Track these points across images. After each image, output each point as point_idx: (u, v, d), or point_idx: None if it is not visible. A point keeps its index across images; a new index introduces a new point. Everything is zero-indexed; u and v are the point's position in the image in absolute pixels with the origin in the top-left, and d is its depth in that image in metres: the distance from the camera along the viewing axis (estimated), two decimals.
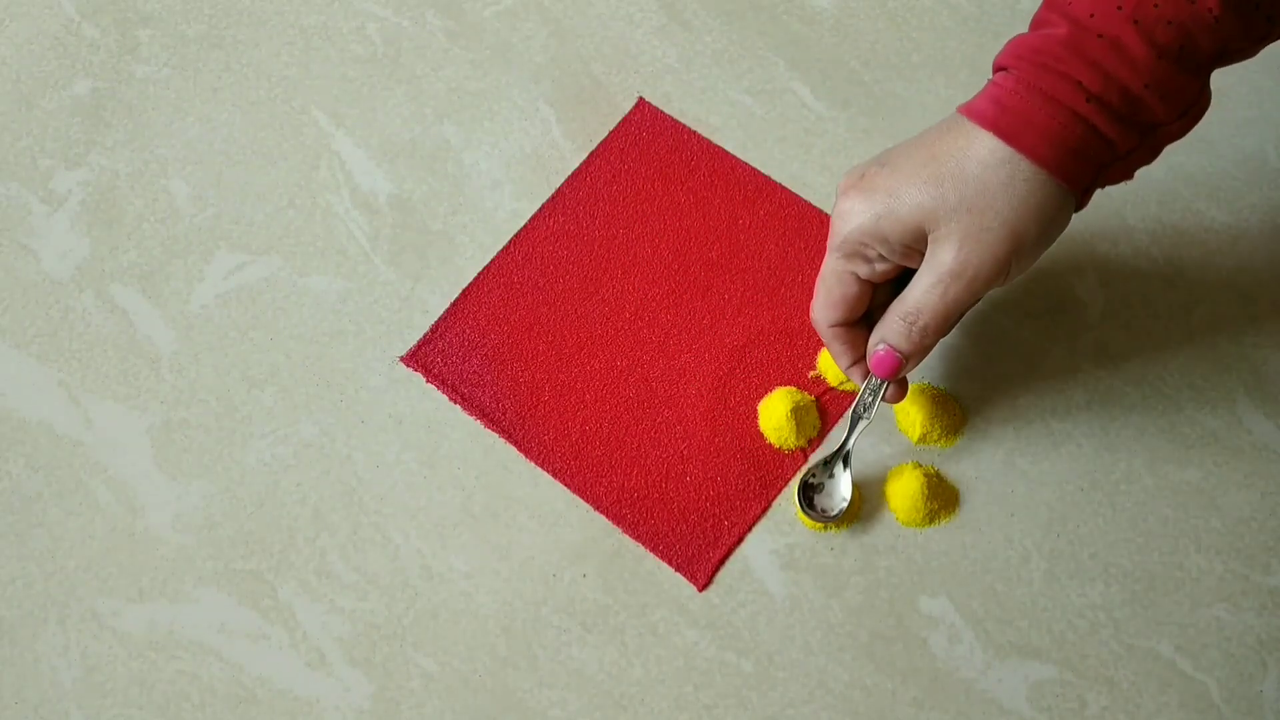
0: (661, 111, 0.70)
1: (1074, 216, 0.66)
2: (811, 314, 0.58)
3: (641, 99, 0.70)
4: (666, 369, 0.64)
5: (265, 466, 0.62)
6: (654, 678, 0.58)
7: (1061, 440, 0.62)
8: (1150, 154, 0.52)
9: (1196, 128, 0.52)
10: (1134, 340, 0.64)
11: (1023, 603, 0.59)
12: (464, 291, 0.66)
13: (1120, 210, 0.67)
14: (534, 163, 0.69)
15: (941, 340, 0.64)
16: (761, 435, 0.62)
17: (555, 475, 0.62)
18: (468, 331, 0.65)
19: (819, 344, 0.64)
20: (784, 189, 0.68)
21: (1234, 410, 0.63)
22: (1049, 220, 0.51)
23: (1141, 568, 0.60)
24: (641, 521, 0.61)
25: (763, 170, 0.68)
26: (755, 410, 0.63)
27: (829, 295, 0.56)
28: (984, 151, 0.51)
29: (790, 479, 0.62)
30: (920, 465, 0.61)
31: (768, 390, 0.63)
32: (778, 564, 0.60)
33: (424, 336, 0.65)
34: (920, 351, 0.55)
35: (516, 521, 0.61)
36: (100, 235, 0.67)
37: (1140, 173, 0.55)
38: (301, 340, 0.65)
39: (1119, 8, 0.48)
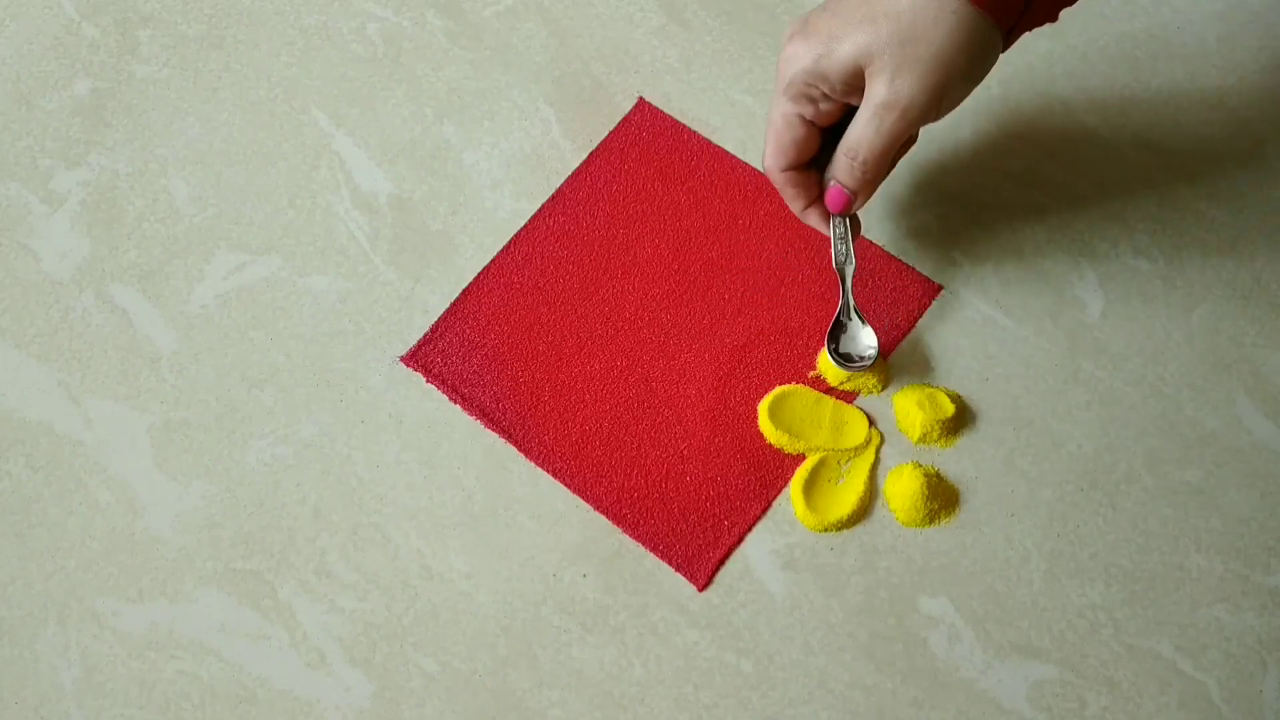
0: (661, 111, 0.70)
1: (1075, 217, 0.66)
2: (764, 163, 0.61)
3: (641, 99, 0.70)
4: (666, 369, 0.64)
5: (265, 466, 0.62)
6: (654, 678, 0.58)
7: (1061, 440, 0.62)
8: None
9: (1199, 130, 0.53)
10: (1134, 340, 0.64)
11: (1023, 603, 0.59)
12: (464, 291, 0.66)
13: (1120, 210, 0.67)
14: (534, 163, 0.69)
15: (944, 340, 0.64)
16: (761, 435, 0.62)
17: (555, 475, 0.62)
18: (468, 331, 0.65)
19: (819, 344, 0.64)
20: None
21: (1234, 410, 0.63)
22: (977, 53, 0.54)
23: (1141, 568, 0.60)
24: (641, 521, 0.61)
25: (763, 170, 0.68)
26: (755, 410, 0.63)
27: (779, 140, 0.59)
28: None
29: (790, 479, 0.62)
30: (920, 465, 0.61)
31: (768, 390, 0.63)
32: (778, 564, 0.60)
33: (424, 336, 0.65)
34: (866, 185, 0.59)
35: (516, 521, 0.61)
36: (100, 235, 0.67)
37: (1141, 173, 0.55)
38: (301, 340, 0.65)
39: None
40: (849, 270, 0.62)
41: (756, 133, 0.69)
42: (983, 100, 0.70)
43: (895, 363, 0.64)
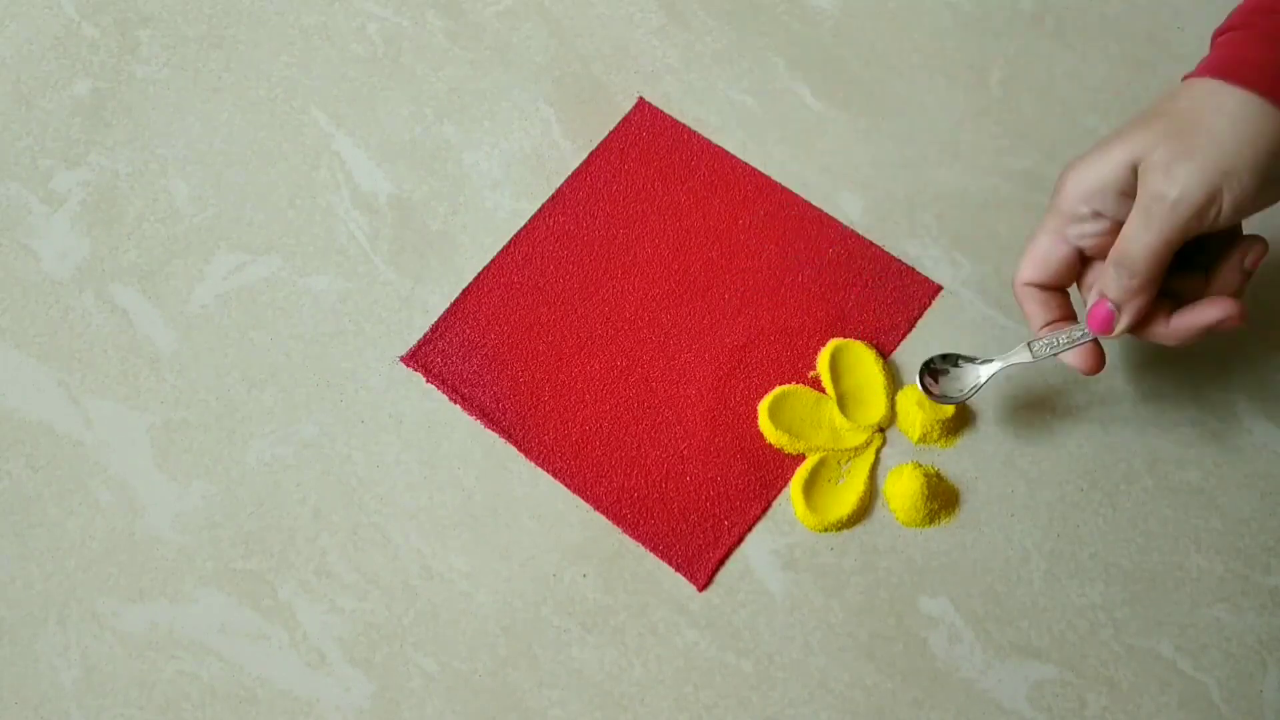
0: (661, 111, 0.70)
1: None
2: (1016, 274, 0.56)
3: (641, 99, 0.70)
4: (666, 369, 0.64)
5: (265, 466, 0.62)
6: (654, 678, 0.58)
7: (1061, 440, 0.62)
8: None
9: None
10: (1134, 340, 0.64)
11: (1023, 603, 0.59)
12: (464, 291, 0.66)
13: None
14: (534, 163, 0.69)
15: (944, 340, 0.64)
16: (761, 435, 0.62)
17: (555, 475, 0.62)
18: (468, 331, 0.65)
19: (819, 344, 0.64)
20: (784, 189, 0.68)
21: (1234, 410, 0.63)
22: (1267, 145, 0.49)
23: (1141, 568, 0.60)
24: (641, 521, 0.61)
25: (763, 170, 0.68)
26: (755, 410, 0.63)
27: (1033, 253, 0.55)
28: (1194, 88, 0.51)
29: (790, 479, 0.62)
30: (920, 465, 0.61)
31: (768, 390, 0.63)
32: (778, 564, 0.60)
33: (424, 336, 0.65)
34: (1133, 298, 0.52)
35: (516, 521, 0.61)
36: (100, 235, 0.67)
37: None
38: (301, 340, 0.65)
39: None
40: (1023, 359, 0.57)
41: (757, 133, 0.69)
42: (983, 100, 0.70)
43: (895, 362, 0.64)
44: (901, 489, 0.60)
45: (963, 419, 0.63)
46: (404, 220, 0.67)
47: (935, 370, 0.60)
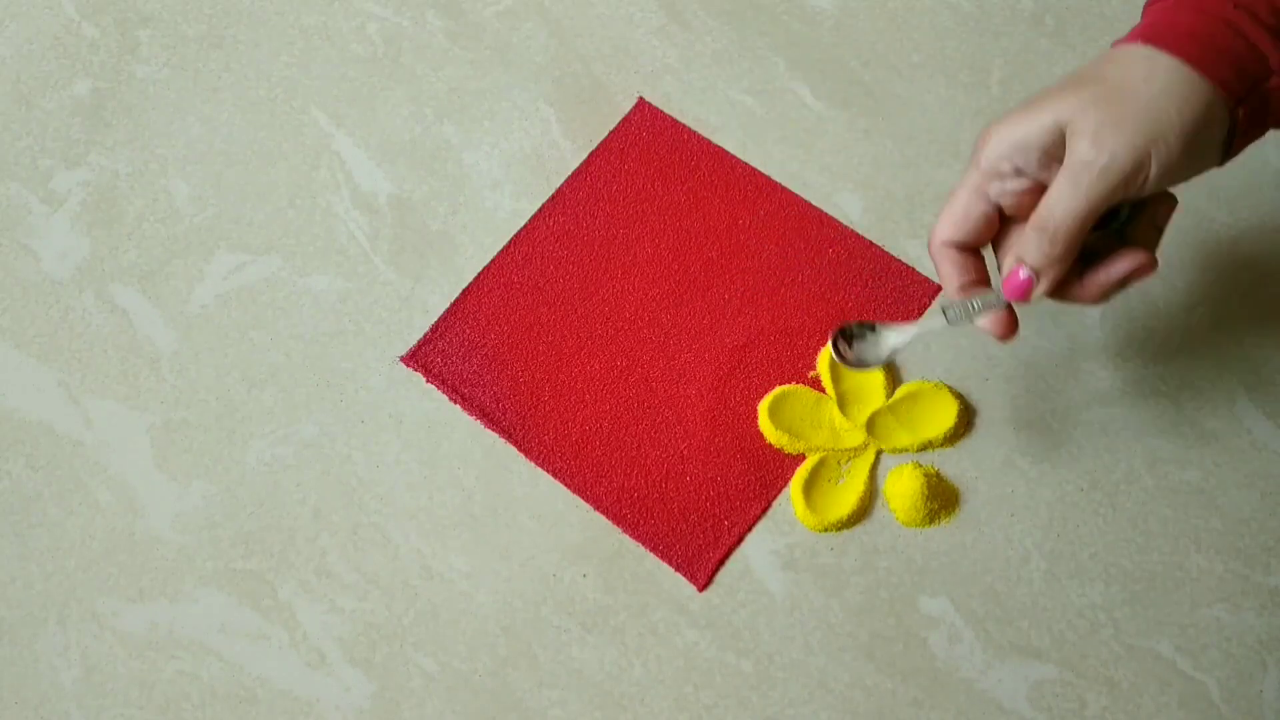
0: (661, 111, 0.70)
1: None
2: (932, 233, 0.54)
3: (641, 99, 0.70)
4: (666, 369, 0.64)
5: (265, 466, 0.62)
6: (654, 678, 0.58)
7: (1061, 440, 0.62)
8: None
9: None
10: (1134, 340, 0.64)
11: (1023, 603, 0.59)
12: (464, 291, 0.66)
13: None
14: (534, 163, 0.69)
15: (947, 340, 0.64)
16: (761, 435, 0.62)
17: (555, 475, 0.62)
18: (468, 331, 0.65)
19: (819, 343, 0.64)
20: (784, 189, 0.68)
21: (1234, 410, 0.63)
22: (1194, 115, 0.49)
23: (1141, 568, 0.60)
24: (641, 521, 0.61)
25: (763, 170, 0.68)
26: (755, 410, 0.63)
27: (954, 212, 0.53)
28: (1124, 54, 0.50)
29: (790, 479, 0.62)
30: (920, 465, 0.61)
31: (768, 390, 0.63)
32: (778, 564, 0.60)
33: (424, 336, 0.65)
34: (1053, 264, 0.51)
35: (516, 521, 0.61)
36: (100, 235, 0.67)
37: None
38: (301, 340, 0.65)
39: None
40: (937, 324, 0.55)
41: (757, 133, 0.69)
42: (983, 100, 0.70)
43: (895, 362, 0.64)
44: (901, 489, 0.60)
45: (963, 420, 0.63)
46: (404, 220, 0.67)
47: (850, 336, 0.57)
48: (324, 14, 0.73)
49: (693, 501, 0.61)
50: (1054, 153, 0.50)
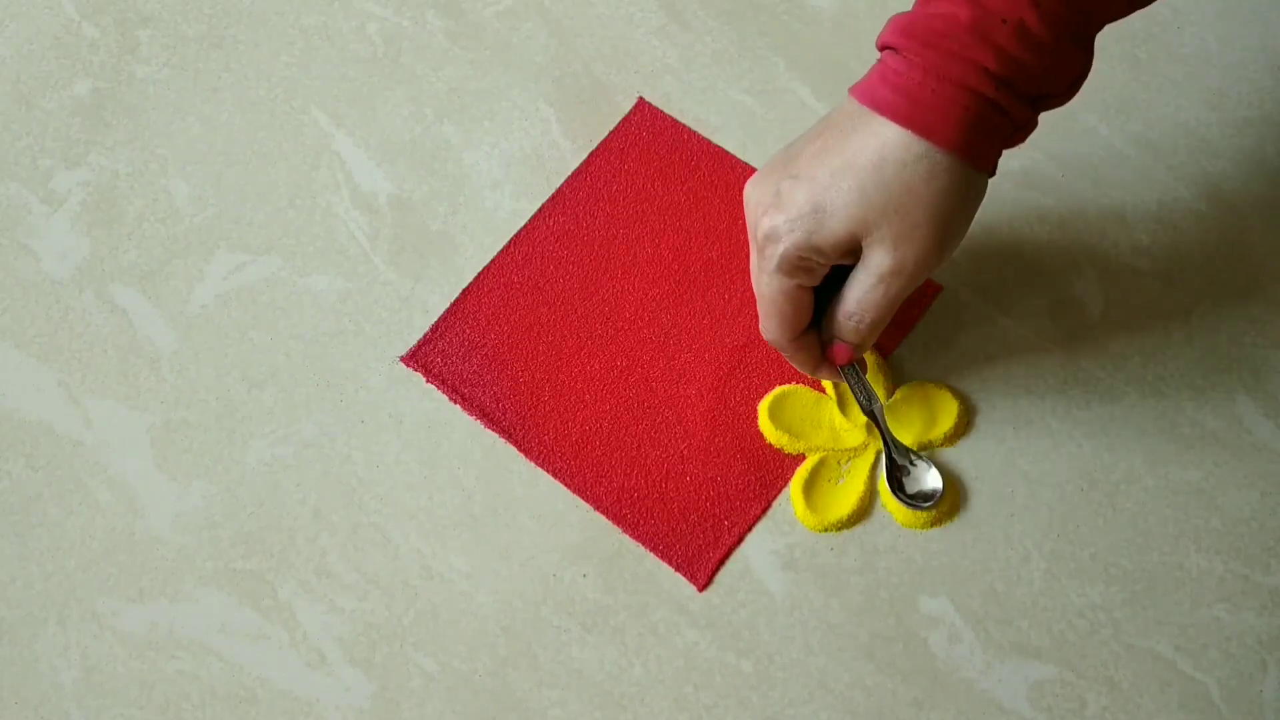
0: (661, 111, 0.70)
1: (1074, 217, 0.66)
2: (766, 336, 0.58)
3: (641, 99, 0.70)
4: (666, 369, 0.64)
5: (265, 466, 0.62)
6: (654, 678, 0.58)
7: (1061, 440, 0.62)
8: (1036, 120, 0.54)
9: (1199, 130, 0.53)
10: (1134, 340, 0.64)
11: (1023, 603, 0.59)
12: (464, 291, 0.66)
13: (1120, 210, 0.67)
14: (534, 163, 0.69)
15: (944, 340, 0.64)
16: (761, 435, 0.62)
17: (555, 475, 0.62)
18: (468, 331, 0.65)
19: None
20: None
21: (1234, 410, 0.63)
22: (971, 204, 0.53)
23: (1141, 568, 0.60)
24: (641, 521, 0.61)
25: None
26: (755, 410, 0.63)
27: (782, 315, 0.56)
28: (899, 150, 0.51)
29: (790, 479, 0.62)
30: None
31: (768, 390, 0.63)
32: (778, 564, 0.60)
33: (424, 336, 0.65)
34: (870, 339, 0.57)
35: (516, 521, 0.61)
36: (100, 235, 0.67)
37: (1142, 174, 0.55)
38: (301, 340, 0.65)
39: None
40: (878, 409, 0.60)
41: (756, 133, 0.69)
42: None
43: (895, 363, 0.64)
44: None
45: (963, 419, 0.62)
46: (404, 220, 0.67)
47: (897, 471, 0.61)
48: (324, 14, 0.73)
49: (693, 501, 0.61)
50: (849, 249, 0.54)
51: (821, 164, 0.53)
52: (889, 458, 0.61)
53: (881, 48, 0.53)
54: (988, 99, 0.50)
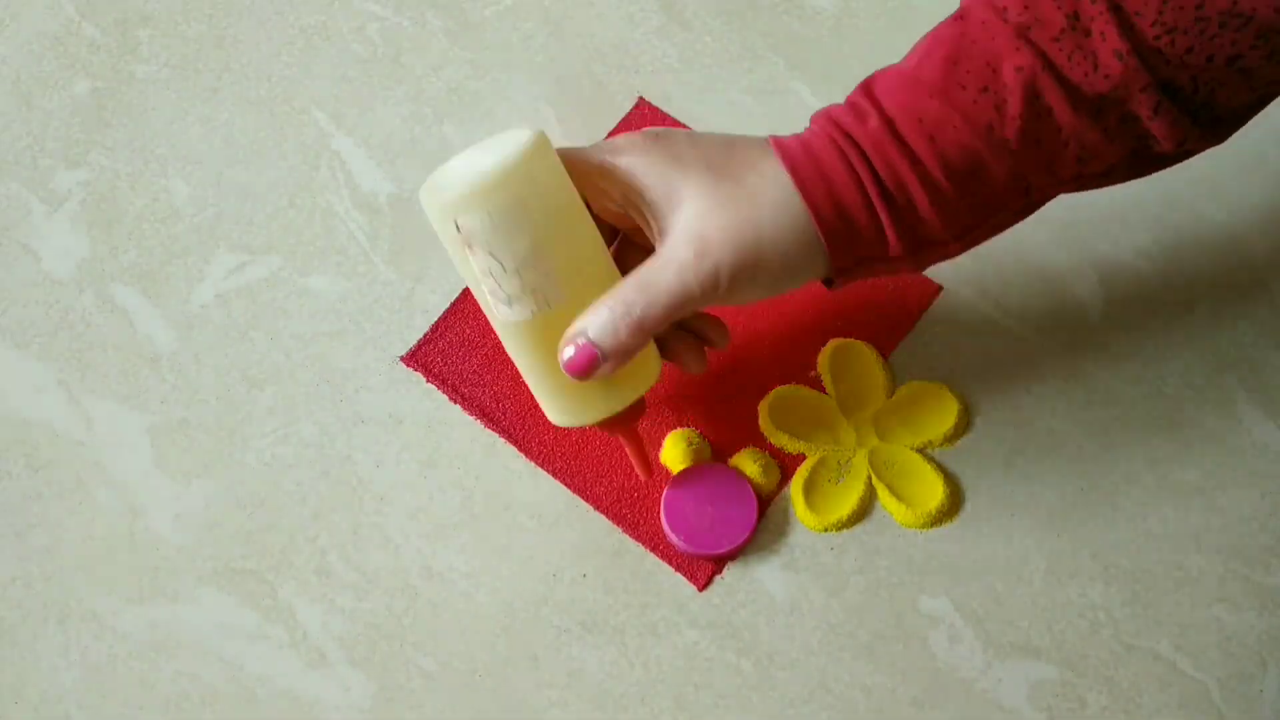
0: (661, 111, 0.70)
1: (1075, 217, 0.66)
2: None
3: (641, 99, 0.70)
4: (666, 368, 0.64)
5: (265, 466, 0.62)
6: (654, 678, 0.58)
7: (1061, 440, 0.62)
8: (918, 266, 0.52)
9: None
10: (1134, 340, 0.65)
11: (1023, 603, 0.59)
12: (464, 291, 0.66)
13: (1120, 210, 0.67)
14: None
15: (944, 340, 0.64)
16: (762, 435, 0.62)
17: (555, 475, 0.62)
18: (468, 331, 0.65)
19: (819, 344, 0.64)
20: None
21: (1234, 410, 0.63)
22: (802, 270, 0.50)
23: (1141, 568, 0.60)
24: (641, 521, 0.61)
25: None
26: (755, 410, 0.63)
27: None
28: (776, 185, 0.49)
29: (790, 479, 0.61)
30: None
31: (768, 390, 0.63)
32: (778, 564, 0.60)
33: (424, 336, 0.65)
34: (627, 353, 0.50)
35: (516, 521, 0.61)
36: (100, 235, 0.67)
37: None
38: (301, 340, 0.65)
39: (919, 120, 0.48)
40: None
41: (756, 133, 0.69)
42: None
43: (895, 363, 0.64)
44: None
45: (963, 419, 0.63)
46: (404, 220, 0.67)
47: None
48: (324, 14, 0.73)
49: None
50: (652, 214, 0.49)
51: (706, 149, 0.50)
52: None
53: (814, 119, 0.52)
54: (870, 209, 0.49)
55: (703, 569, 0.60)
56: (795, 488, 0.61)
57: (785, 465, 0.62)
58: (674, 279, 0.49)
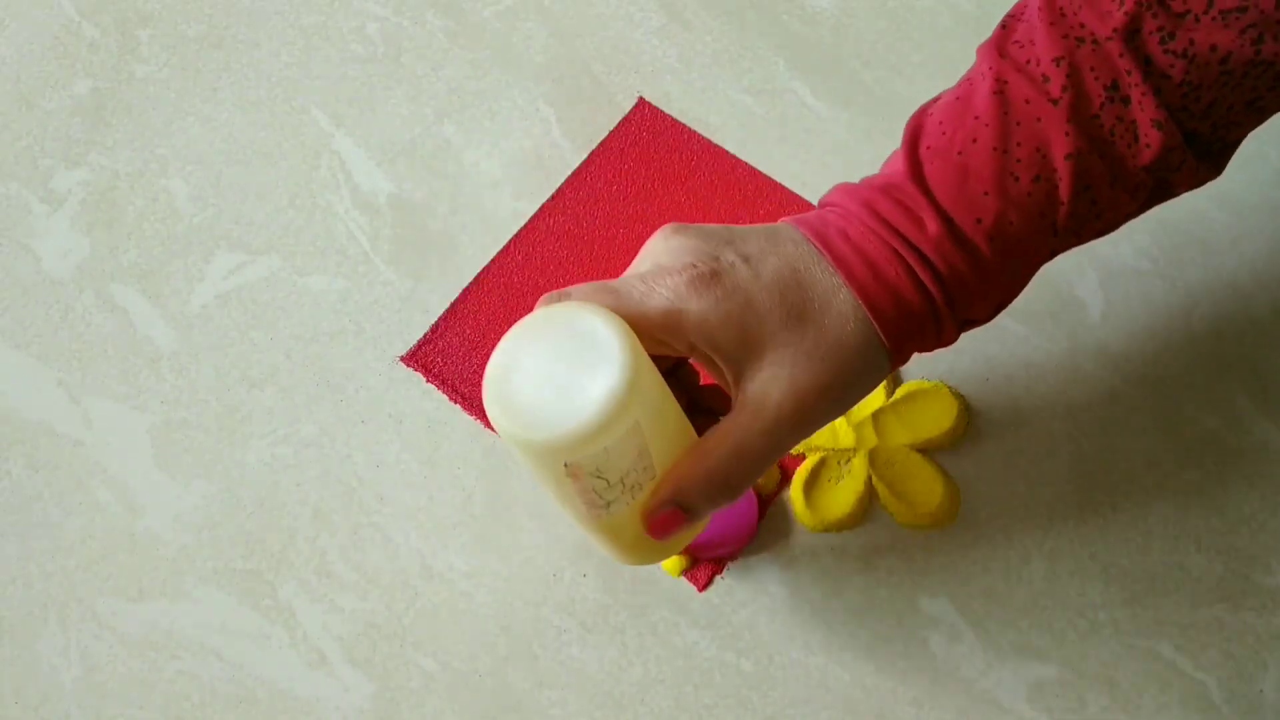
0: (661, 111, 0.70)
1: None
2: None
3: (641, 99, 0.70)
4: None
5: (265, 466, 0.62)
6: (654, 678, 0.58)
7: (1061, 440, 0.62)
8: (953, 339, 0.51)
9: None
10: (1134, 340, 0.64)
11: (1023, 603, 0.59)
12: (464, 291, 0.66)
13: None
14: (534, 163, 0.69)
15: None
16: None
17: None
18: (468, 331, 0.65)
19: None
20: (784, 189, 0.68)
21: (1234, 410, 0.63)
22: (869, 390, 0.48)
23: (1141, 568, 0.60)
24: None
25: (763, 170, 0.68)
26: None
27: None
28: (841, 306, 0.46)
29: (791, 479, 0.62)
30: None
31: None
32: (778, 564, 0.60)
33: (424, 336, 0.65)
34: (712, 509, 0.48)
35: (516, 521, 0.61)
36: (100, 235, 0.67)
37: None
38: (301, 340, 0.65)
39: (978, 220, 0.47)
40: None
41: (757, 133, 0.69)
42: None
43: None
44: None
45: (963, 419, 0.62)
46: (404, 220, 0.67)
47: None
48: (324, 14, 0.73)
49: None
50: (725, 362, 0.46)
51: (773, 283, 0.47)
52: None
53: (824, 204, 0.50)
54: (937, 312, 0.47)
55: (703, 569, 0.60)
56: (795, 488, 0.61)
57: (785, 466, 0.62)
58: (767, 444, 0.46)
